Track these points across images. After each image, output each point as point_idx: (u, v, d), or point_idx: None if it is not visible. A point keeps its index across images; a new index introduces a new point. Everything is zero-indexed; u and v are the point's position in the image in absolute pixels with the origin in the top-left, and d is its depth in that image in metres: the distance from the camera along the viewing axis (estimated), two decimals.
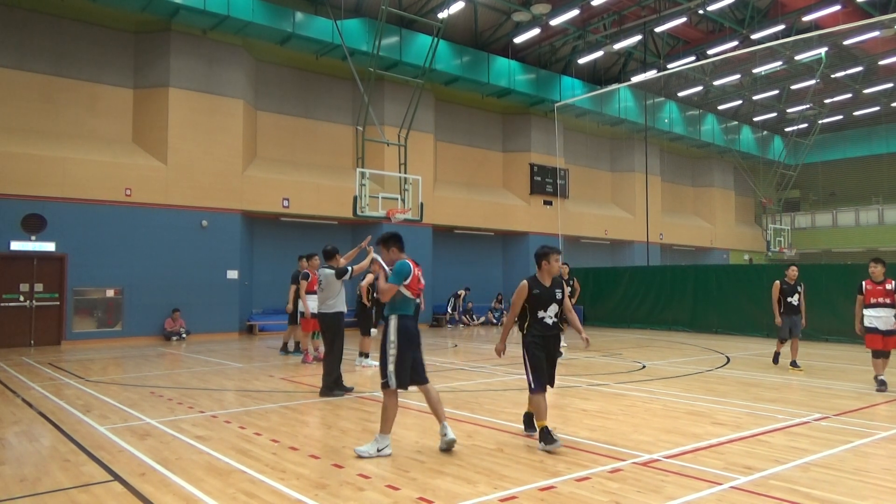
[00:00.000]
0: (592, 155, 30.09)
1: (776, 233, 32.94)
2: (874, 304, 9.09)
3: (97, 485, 4.83)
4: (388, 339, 5.71)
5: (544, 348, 6.04)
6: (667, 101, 29.94)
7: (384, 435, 5.64)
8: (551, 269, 6.13)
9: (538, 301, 6.03)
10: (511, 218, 25.33)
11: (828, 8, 21.36)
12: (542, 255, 6.21)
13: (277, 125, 20.49)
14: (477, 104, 25.22)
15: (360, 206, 16.89)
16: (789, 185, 33.84)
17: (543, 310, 6.03)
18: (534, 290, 6.04)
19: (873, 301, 9.10)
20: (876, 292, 9.10)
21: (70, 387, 9.54)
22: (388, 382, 5.65)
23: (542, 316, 6.03)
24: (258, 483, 4.86)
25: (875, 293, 9.10)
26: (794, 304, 11.08)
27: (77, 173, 16.18)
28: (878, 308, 9.03)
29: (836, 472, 5.11)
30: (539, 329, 6.02)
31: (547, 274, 6.14)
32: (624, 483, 4.82)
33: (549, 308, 6.05)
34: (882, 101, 32.10)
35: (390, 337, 5.71)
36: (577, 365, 12.25)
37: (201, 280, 17.82)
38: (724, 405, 7.98)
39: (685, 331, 20.13)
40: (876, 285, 9.09)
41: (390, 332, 5.72)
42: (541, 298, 6.04)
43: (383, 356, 5.71)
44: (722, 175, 35.38)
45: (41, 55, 16.45)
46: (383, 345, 5.74)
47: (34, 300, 15.85)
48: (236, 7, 17.40)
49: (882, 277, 9.13)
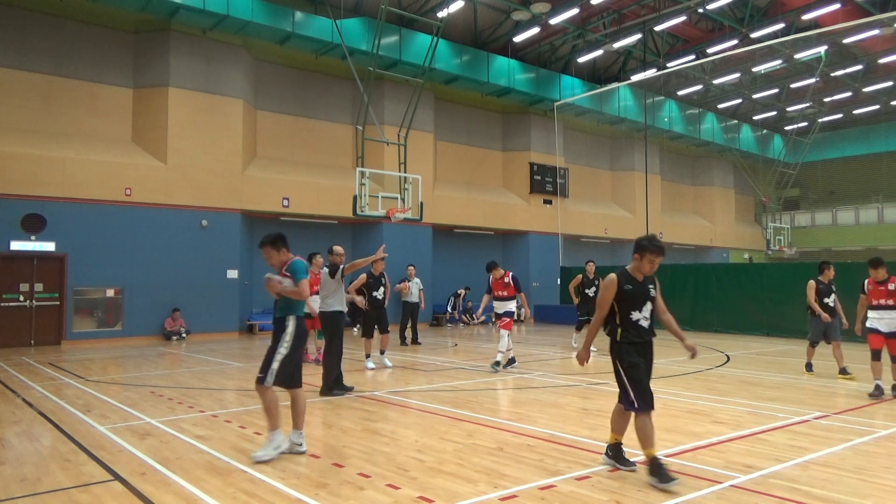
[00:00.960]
0: (592, 154, 30.08)
1: (776, 231, 32.97)
2: (877, 306, 8.78)
3: (97, 484, 4.83)
4: (283, 339, 5.65)
5: (643, 356, 5.13)
6: (666, 99, 29.93)
7: (273, 432, 5.56)
8: (642, 267, 5.16)
9: (631, 299, 5.12)
10: (511, 217, 25.33)
11: (827, 6, 21.34)
12: (643, 249, 5.12)
13: (277, 125, 20.49)
14: (477, 103, 25.21)
15: (360, 205, 16.89)
16: (789, 183, 33.85)
17: (637, 310, 5.12)
18: (625, 286, 5.11)
19: (875, 302, 8.81)
20: (878, 293, 8.79)
21: (70, 386, 9.55)
22: (266, 379, 5.56)
23: (637, 318, 5.11)
24: (258, 482, 4.86)
25: (878, 294, 8.79)
26: (830, 305, 10.29)
27: (77, 173, 16.17)
28: (881, 310, 8.73)
29: (837, 470, 5.11)
30: (634, 333, 5.10)
31: (639, 270, 5.19)
32: (624, 482, 4.82)
33: (643, 307, 5.14)
34: (881, 100, 32.08)
35: (286, 337, 5.65)
36: (576, 364, 12.24)
37: (201, 280, 17.82)
38: (724, 404, 7.98)
39: (685, 329, 19.88)
40: (878, 285, 8.81)
41: (287, 332, 5.67)
42: (634, 296, 5.12)
43: (272, 353, 5.62)
44: (722, 174, 35.38)
45: (41, 55, 16.44)
46: (276, 342, 5.66)
47: (34, 300, 15.85)
48: (236, 7, 17.38)
49: (885, 277, 8.83)
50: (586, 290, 14.36)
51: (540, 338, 18.30)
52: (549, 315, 24.52)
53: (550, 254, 25.68)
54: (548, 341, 17.23)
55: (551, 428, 6.62)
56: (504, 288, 11.15)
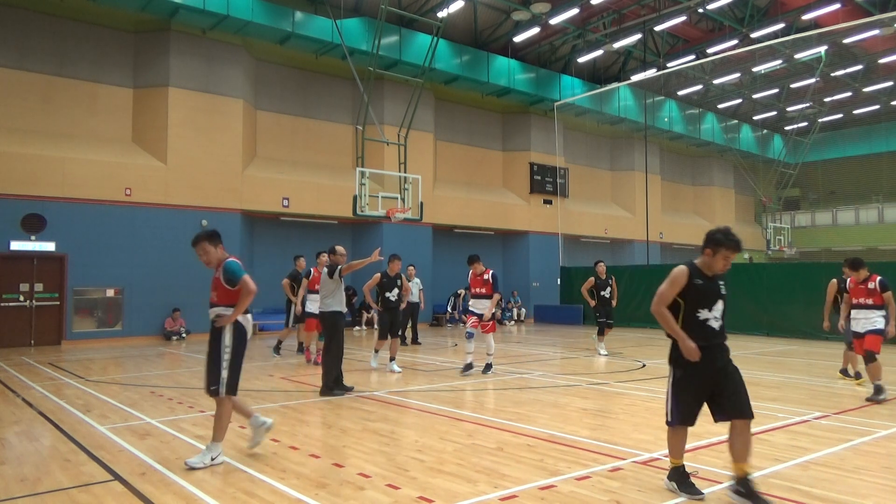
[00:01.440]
0: (592, 154, 30.09)
1: (776, 231, 32.97)
2: (855, 305, 8.66)
3: (97, 484, 4.83)
4: (223, 344, 5.33)
5: (709, 362, 4.47)
6: (666, 99, 29.93)
7: (216, 443, 5.34)
8: (714, 265, 4.54)
9: (700, 296, 4.49)
10: (511, 217, 25.33)
11: (827, 6, 21.35)
12: (718, 244, 4.50)
13: (277, 125, 20.49)
14: (477, 103, 25.21)
15: (360, 205, 16.89)
16: (789, 183, 33.84)
17: (707, 308, 4.49)
18: (695, 280, 4.48)
19: (855, 301, 8.67)
20: (858, 291, 8.65)
21: (70, 386, 9.55)
22: (220, 390, 5.31)
23: (705, 317, 4.47)
24: (258, 482, 4.86)
25: (857, 293, 8.65)
26: None
27: (77, 173, 16.17)
28: (857, 308, 8.61)
29: (837, 470, 5.11)
30: (700, 336, 4.46)
31: (710, 267, 4.57)
32: (624, 482, 4.82)
33: (714, 306, 4.53)
34: (882, 100, 32.08)
35: (225, 341, 5.33)
36: (577, 364, 12.25)
37: (201, 280, 17.72)
38: None
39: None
40: (857, 285, 8.69)
41: (226, 336, 5.34)
42: (704, 292, 4.50)
43: (216, 361, 5.33)
44: (722, 174, 35.38)
45: (41, 55, 16.44)
46: (216, 349, 5.35)
47: (34, 300, 15.85)
48: (236, 6, 17.39)
49: (866, 276, 8.67)
50: (601, 291, 13.72)
51: (540, 338, 18.30)
52: (549, 315, 24.52)
53: (550, 254, 25.68)
54: (548, 341, 17.23)
55: (551, 428, 6.62)
56: (483, 285, 10.61)
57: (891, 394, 8.70)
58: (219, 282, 5.52)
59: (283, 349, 13.72)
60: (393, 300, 11.07)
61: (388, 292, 11.09)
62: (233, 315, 5.34)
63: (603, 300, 13.67)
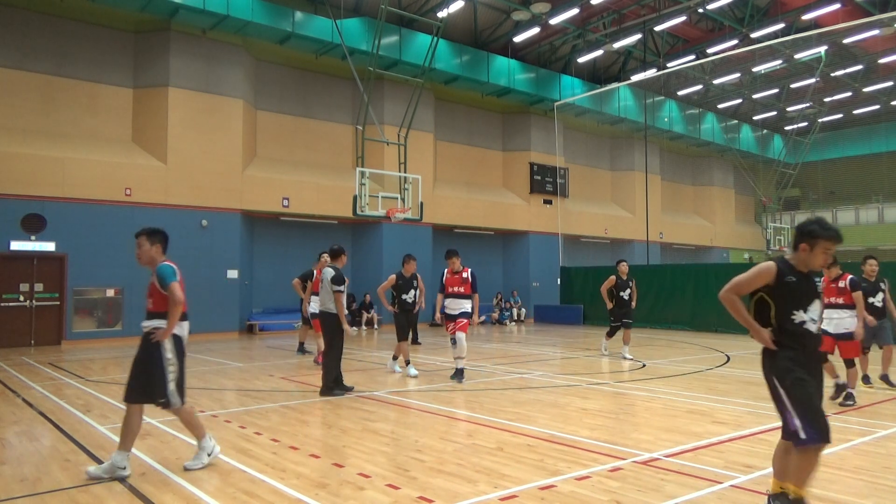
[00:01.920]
0: (592, 154, 30.09)
1: (776, 231, 32.98)
2: (826, 304, 8.25)
3: (97, 484, 4.83)
4: (164, 358, 5.07)
5: (811, 371, 3.93)
6: (666, 99, 29.93)
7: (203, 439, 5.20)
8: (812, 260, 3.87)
9: (793, 295, 3.88)
10: (511, 217, 25.34)
11: (827, 6, 21.36)
12: (814, 236, 3.83)
13: (277, 125, 20.49)
14: (477, 103, 25.22)
15: (360, 205, 16.89)
16: (789, 183, 33.84)
17: (802, 308, 3.88)
18: (786, 277, 3.86)
19: (826, 301, 8.24)
20: (829, 290, 8.32)
21: (70, 386, 9.55)
22: (170, 401, 5.07)
23: (801, 319, 3.87)
24: (258, 482, 4.86)
25: (829, 292, 8.31)
26: (877, 305, 9.10)
27: (77, 173, 16.17)
28: (829, 308, 8.29)
29: (837, 470, 5.11)
30: (794, 341, 3.87)
31: (805, 263, 3.91)
32: (624, 482, 4.82)
33: (809, 306, 3.89)
34: (882, 100, 32.09)
35: (166, 355, 5.09)
36: (577, 364, 12.25)
37: (201, 280, 17.81)
38: (724, 404, 7.97)
39: (685, 329, 20.13)
40: (829, 283, 8.35)
41: (166, 351, 5.09)
42: (798, 291, 3.88)
43: (160, 376, 5.04)
44: (722, 174, 35.39)
45: (41, 55, 16.44)
46: (156, 359, 5.06)
47: (34, 300, 15.85)
48: (236, 6, 17.39)
49: (838, 274, 8.35)
50: (620, 292, 12.68)
51: (540, 338, 18.30)
52: (549, 315, 24.53)
53: (550, 254, 25.68)
54: (548, 341, 17.23)
55: (551, 428, 6.62)
56: (461, 284, 9.84)
57: (891, 394, 8.71)
58: (154, 287, 5.28)
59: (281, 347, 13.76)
60: (410, 302, 10.54)
61: (405, 294, 10.68)
62: (167, 330, 5.10)
63: (621, 301, 12.73)
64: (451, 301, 9.91)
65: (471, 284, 9.82)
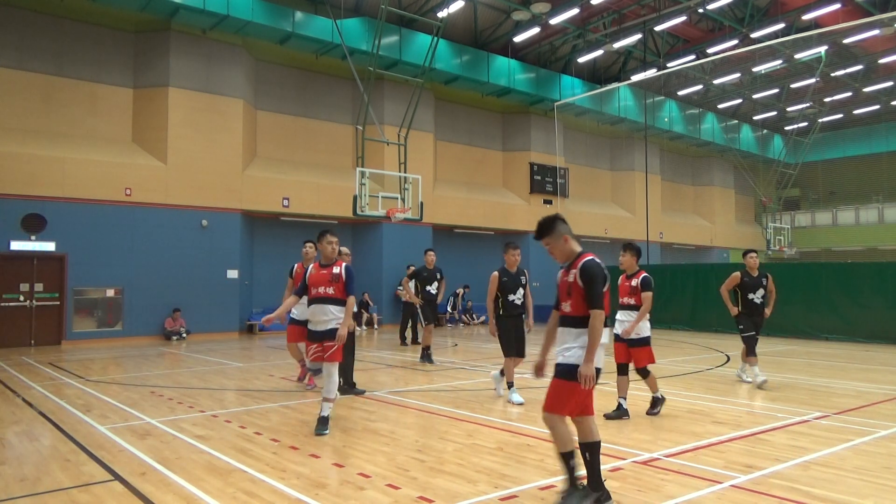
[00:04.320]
0: (592, 154, 30.09)
1: (776, 231, 32.98)
2: (620, 305, 7.37)
3: (97, 484, 4.83)
4: None
5: None
6: (667, 99, 29.93)
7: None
8: None
9: None
10: (511, 217, 25.34)
11: (827, 6, 21.35)
12: None
13: (277, 125, 20.49)
14: (477, 103, 25.22)
15: (360, 205, 16.89)
16: (789, 183, 33.85)
17: None
18: None
19: (620, 301, 7.38)
20: (623, 289, 7.38)
21: (70, 386, 9.55)
22: None
23: None
24: (258, 482, 4.86)
25: (622, 290, 7.38)
26: (756, 301, 9.09)
27: (77, 173, 16.17)
28: (622, 310, 7.35)
29: (837, 470, 5.11)
30: None
31: None
32: (624, 482, 4.82)
33: None
34: (882, 100, 32.09)
35: None
36: None
37: (201, 280, 17.82)
38: (724, 404, 7.98)
39: (685, 329, 20.13)
40: (625, 280, 7.39)
41: None
42: None
43: None
44: (722, 174, 35.38)
45: (41, 55, 16.44)
46: None
47: (34, 300, 15.85)
48: (236, 6, 17.39)
49: (633, 270, 7.39)
50: (749, 293, 9.24)
51: (540, 338, 18.27)
52: (548, 315, 24.44)
53: None
54: None
55: None
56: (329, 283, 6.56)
57: (891, 394, 8.71)
58: None
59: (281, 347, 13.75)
60: (433, 293, 10.94)
61: (429, 286, 10.87)
62: None
63: (752, 306, 9.23)
64: (315, 308, 6.52)
65: (344, 283, 6.52)
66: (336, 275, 6.51)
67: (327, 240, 6.41)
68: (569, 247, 4.40)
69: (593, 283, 4.13)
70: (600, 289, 4.12)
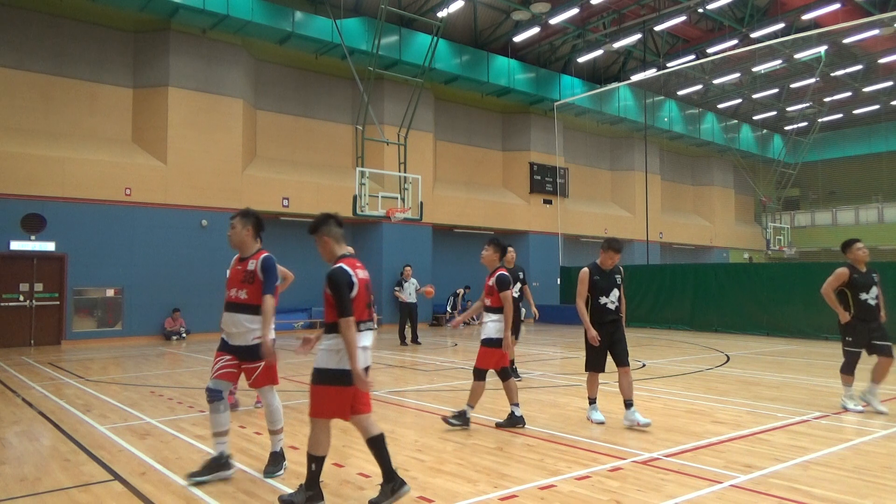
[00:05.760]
0: (592, 154, 30.09)
1: (776, 231, 33.00)
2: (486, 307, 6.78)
3: (97, 484, 4.83)
4: None
5: None
6: (666, 99, 29.93)
7: None
8: None
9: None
10: (511, 217, 25.34)
11: (827, 6, 21.35)
12: None
13: (277, 124, 20.48)
14: (476, 103, 25.22)
15: (360, 205, 16.89)
16: (789, 183, 33.86)
17: None
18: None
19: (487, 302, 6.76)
20: (485, 288, 6.79)
21: (70, 386, 9.55)
22: None
23: None
24: (258, 482, 4.86)
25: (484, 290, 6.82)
26: None
27: (77, 173, 16.17)
28: (485, 311, 6.77)
29: (837, 470, 5.11)
30: None
31: None
32: (624, 482, 4.82)
33: None
34: (882, 100, 32.09)
35: None
36: (577, 364, 12.24)
37: (201, 280, 17.81)
38: (724, 404, 7.98)
39: (685, 329, 20.13)
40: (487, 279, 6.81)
41: None
42: None
43: None
44: (722, 174, 35.40)
45: (41, 55, 16.44)
46: None
47: (34, 300, 15.84)
48: (235, 6, 17.38)
49: (494, 266, 6.77)
50: (860, 293, 7.60)
51: (540, 338, 18.30)
52: (548, 315, 24.48)
53: (550, 254, 25.68)
54: (548, 341, 17.23)
55: (551, 428, 6.62)
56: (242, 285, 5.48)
57: (891, 393, 8.71)
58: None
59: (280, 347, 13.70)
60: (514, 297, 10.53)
61: None
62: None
63: (866, 309, 7.55)
64: (227, 317, 5.22)
65: (263, 285, 5.27)
66: (250, 272, 5.21)
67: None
68: (329, 248, 4.62)
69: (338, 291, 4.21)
70: (347, 295, 4.21)
